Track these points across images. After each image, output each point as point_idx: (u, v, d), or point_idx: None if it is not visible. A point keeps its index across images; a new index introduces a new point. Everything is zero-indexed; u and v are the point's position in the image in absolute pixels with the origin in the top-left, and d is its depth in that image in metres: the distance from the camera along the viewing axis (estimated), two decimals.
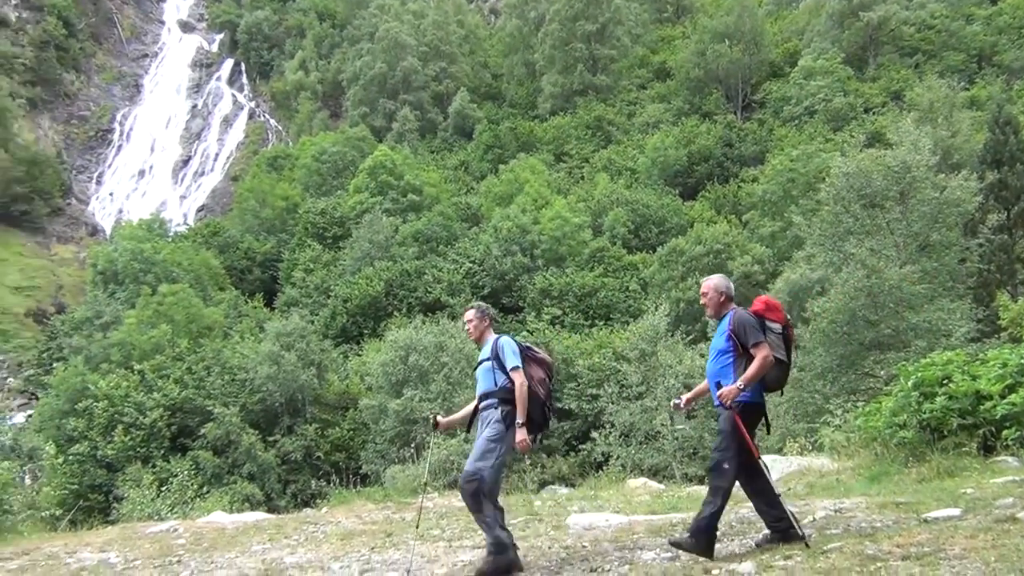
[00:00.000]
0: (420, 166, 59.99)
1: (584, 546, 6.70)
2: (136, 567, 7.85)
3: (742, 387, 5.68)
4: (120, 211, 73.45)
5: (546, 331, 32.04)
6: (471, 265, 44.65)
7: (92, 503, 21.35)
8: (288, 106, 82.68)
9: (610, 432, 21.45)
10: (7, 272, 60.68)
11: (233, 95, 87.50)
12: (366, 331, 39.90)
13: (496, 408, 6.31)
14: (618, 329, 32.85)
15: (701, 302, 6.32)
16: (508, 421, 6.22)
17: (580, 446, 24.21)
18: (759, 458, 5.83)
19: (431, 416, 7.24)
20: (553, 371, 6.66)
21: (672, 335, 24.54)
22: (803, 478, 9.79)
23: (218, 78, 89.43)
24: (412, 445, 22.08)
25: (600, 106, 64.82)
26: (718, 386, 5.86)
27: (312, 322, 36.53)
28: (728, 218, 46.09)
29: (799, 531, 5.71)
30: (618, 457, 20.30)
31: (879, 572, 4.86)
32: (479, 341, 6.76)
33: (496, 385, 6.39)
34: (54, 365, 38.57)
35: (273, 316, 39.70)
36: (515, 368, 6.29)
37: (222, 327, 40.02)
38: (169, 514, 13.24)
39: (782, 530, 5.81)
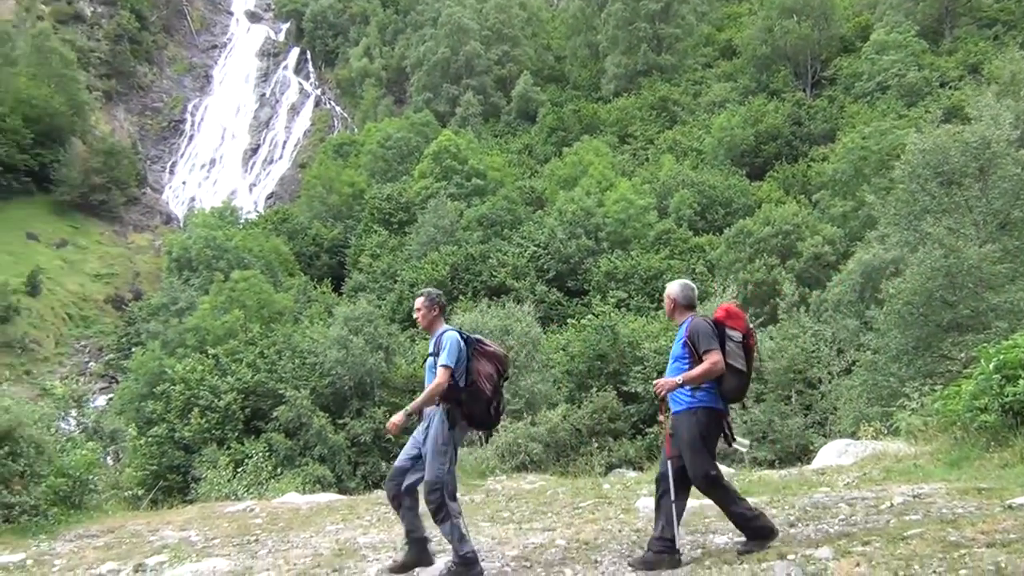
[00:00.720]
0: (484, 150, 60.09)
1: None
2: (216, 545, 8.07)
3: (680, 382, 5.62)
4: (192, 199, 75.30)
5: (612, 314, 31.86)
6: (536, 249, 44.63)
7: (171, 483, 21.97)
8: (353, 93, 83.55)
9: None
10: (87, 260, 62.75)
11: (299, 83, 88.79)
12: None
13: (438, 406, 6.04)
14: None
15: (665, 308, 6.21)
16: (451, 420, 5.97)
17: (647, 429, 24.08)
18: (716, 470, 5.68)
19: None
20: (506, 366, 6.35)
21: None
22: (879, 463, 9.56)
23: (285, 67, 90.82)
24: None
25: (665, 86, 64.00)
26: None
27: (379, 307, 36.93)
28: (797, 198, 45.16)
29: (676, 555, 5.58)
30: None
31: (963, 559, 4.72)
32: (428, 331, 6.43)
33: None
34: (132, 350, 39.82)
35: (341, 301, 40.27)
36: (445, 366, 5.98)
37: (292, 312, 40.75)
38: (245, 494, 13.57)
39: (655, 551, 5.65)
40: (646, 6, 66.13)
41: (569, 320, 34.00)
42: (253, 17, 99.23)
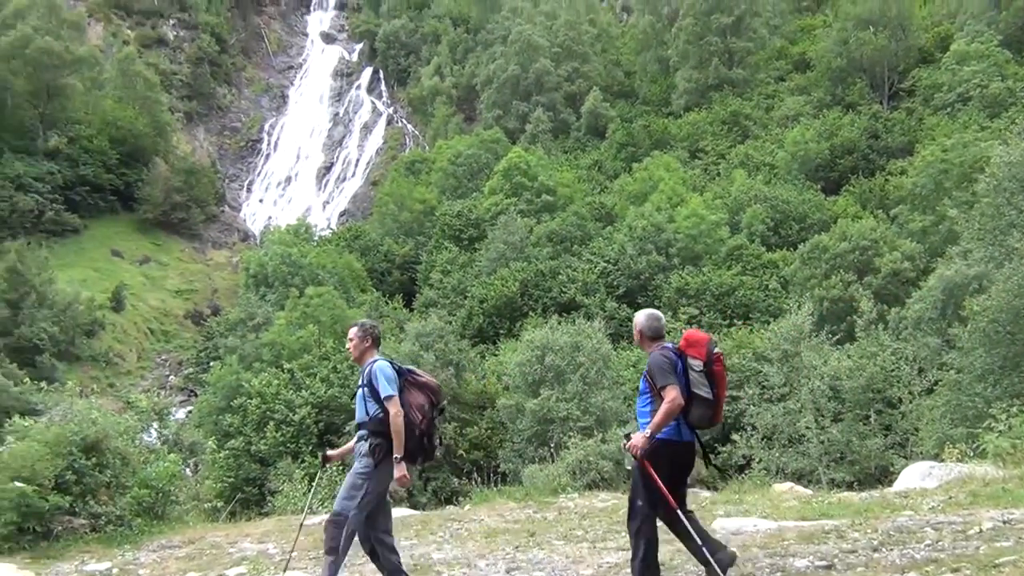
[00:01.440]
0: (553, 166, 60.21)
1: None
2: (293, 559, 8.21)
3: (648, 435, 5.48)
4: (269, 217, 77.03)
5: (683, 331, 31.57)
6: (605, 265, 44.46)
7: (247, 496, 22.43)
8: (424, 111, 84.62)
9: (751, 435, 20.90)
10: (168, 276, 64.68)
11: (372, 102, 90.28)
12: (502, 331, 40.33)
13: (365, 441, 5.88)
14: (758, 329, 31.99)
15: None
16: (377, 455, 5.79)
17: (720, 448, 23.70)
18: (675, 508, 5.56)
19: (320, 454, 6.91)
20: (439, 396, 6.18)
21: (816, 335, 23.69)
22: (965, 486, 9.24)
23: (358, 86, 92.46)
24: (550, 444, 22.14)
25: (736, 100, 63.30)
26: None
27: (450, 322, 37.19)
28: (875, 213, 44.12)
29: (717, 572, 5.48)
30: (760, 460, 19.75)
31: None
32: (359, 362, 6.23)
33: (368, 415, 5.98)
34: (211, 364, 40.85)
35: (412, 317, 40.71)
36: (388, 397, 5.80)
37: None
38: (320, 508, 13.77)
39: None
40: (717, 20, 65.59)
41: None
42: (328, 38, 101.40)
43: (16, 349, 44.65)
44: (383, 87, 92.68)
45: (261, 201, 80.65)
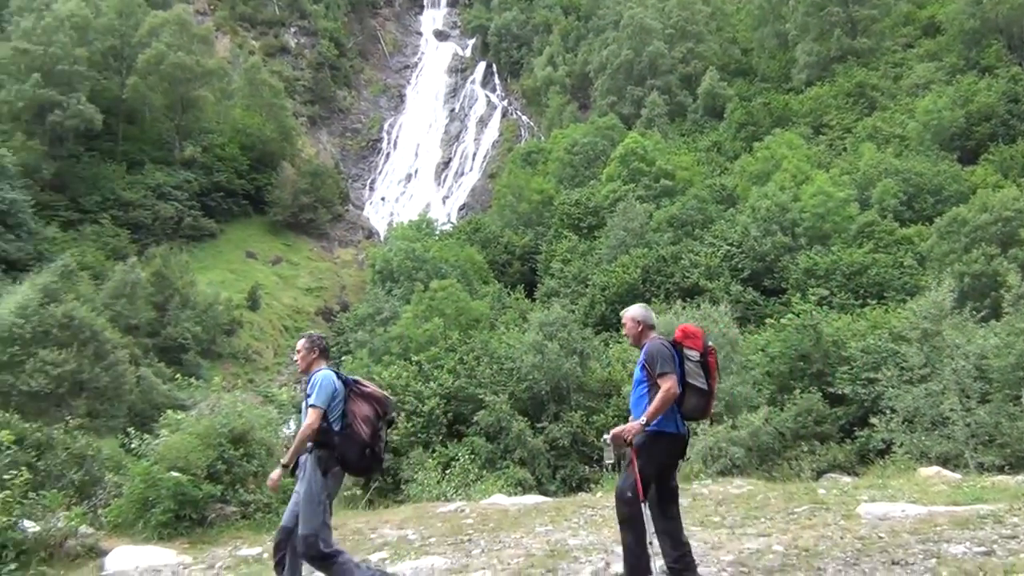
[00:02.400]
0: (671, 150, 59.31)
1: (881, 537, 6.32)
2: (432, 544, 8.42)
3: (644, 423, 5.51)
4: (391, 214, 78.92)
5: (813, 312, 30.57)
6: (729, 247, 43.51)
7: (382, 485, 23.11)
8: (538, 102, 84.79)
9: (891, 418, 20.09)
10: (299, 275, 67.18)
11: (487, 96, 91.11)
12: None
13: (310, 452, 5.78)
14: (893, 308, 30.71)
15: (623, 332, 6.11)
16: (323, 466, 5.72)
17: (857, 432, 22.90)
18: (643, 501, 5.55)
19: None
20: (387, 407, 6.02)
21: (959, 312, 22.56)
22: None
23: (472, 81, 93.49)
24: None
25: (861, 71, 60.69)
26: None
27: (572, 311, 37.23)
28: (1017, 181, 41.54)
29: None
30: (901, 444, 18.97)
31: None
32: (306, 373, 6.16)
33: None
34: (343, 359, 42.21)
35: (534, 307, 40.92)
36: (311, 406, 5.73)
37: (488, 319, 41.81)
38: (454, 495, 14.06)
39: (677, 571, 5.60)
40: None
41: (767, 320, 32.91)
42: (441, 36, 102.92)
43: (164, 349, 47.29)
44: (497, 80, 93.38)
45: (383, 199, 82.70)
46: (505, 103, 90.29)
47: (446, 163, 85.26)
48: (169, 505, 10.06)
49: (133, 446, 11.44)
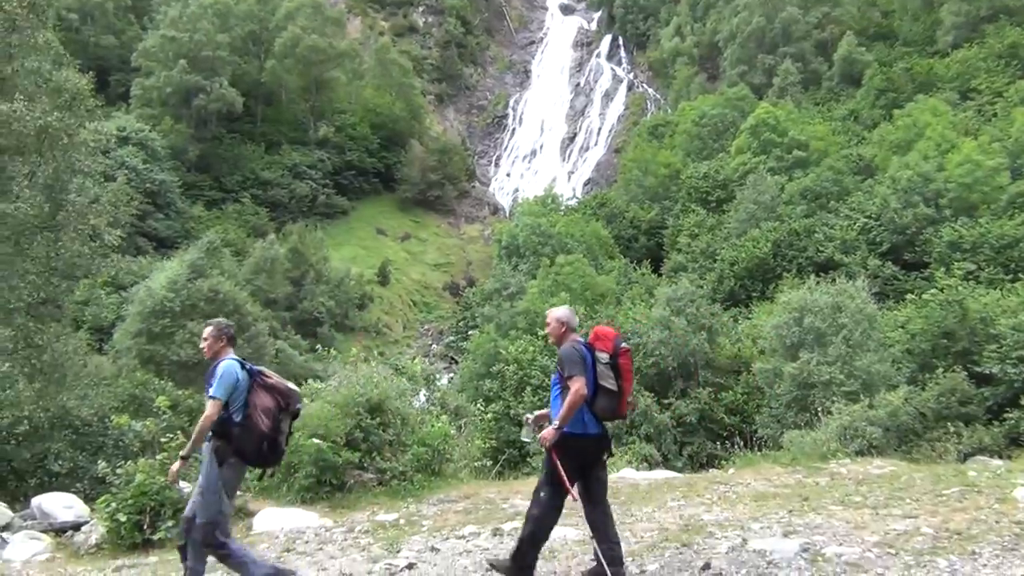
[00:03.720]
0: (805, 120, 57.15)
1: None
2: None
3: (557, 427, 5.71)
4: (516, 190, 79.38)
5: (959, 287, 29.02)
6: (866, 220, 41.71)
7: (510, 457, 23.40)
8: (665, 74, 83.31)
9: None
10: (427, 251, 68.58)
11: (612, 69, 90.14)
12: (755, 294, 39.10)
13: (209, 441, 5.64)
14: None
15: (547, 331, 6.21)
16: (219, 456, 5.62)
17: (1007, 414, 21.68)
18: (569, 494, 5.80)
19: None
20: (291, 400, 5.88)
21: None
22: None
23: (598, 55, 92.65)
24: (812, 409, 21.23)
25: (1015, 31, 56.69)
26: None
27: (700, 286, 36.59)
28: None
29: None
30: None
31: None
32: (213, 362, 5.98)
33: None
34: (470, 333, 42.88)
35: (661, 282, 40.41)
36: (213, 398, 5.59)
37: (614, 294, 41.59)
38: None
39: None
40: None
41: (908, 296, 31.44)
42: (566, 10, 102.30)
43: (300, 322, 49.24)
44: (623, 53, 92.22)
45: (508, 175, 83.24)
46: (631, 76, 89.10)
47: (571, 138, 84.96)
48: (311, 471, 10.48)
49: None
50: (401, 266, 64.85)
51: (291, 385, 6.11)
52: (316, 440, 10.51)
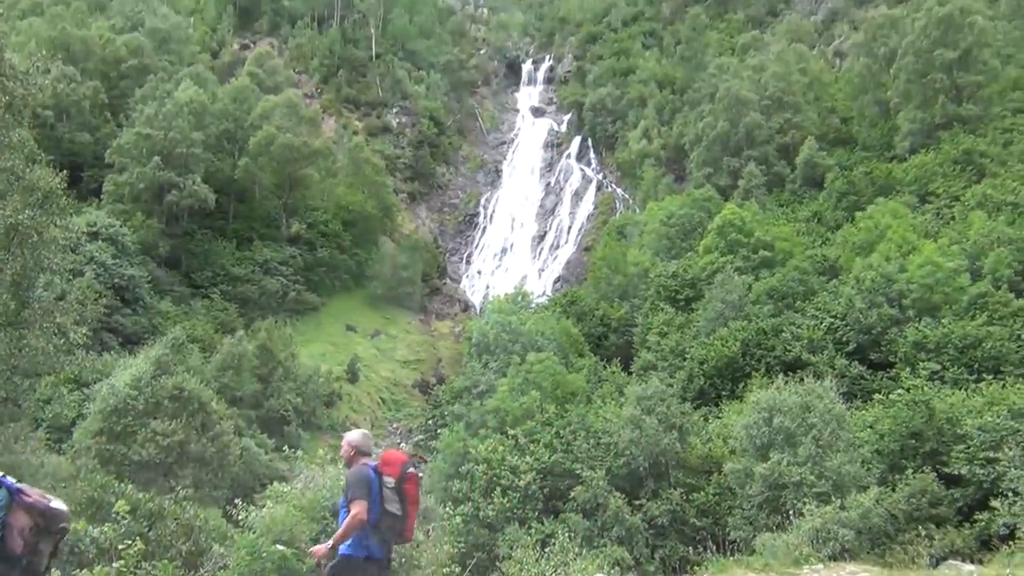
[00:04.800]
0: (770, 221, 58.47)
1: None
2: None
3: (330, 546, 5.88)
4: (487, 287, 79.88)
5: (924, 387, 29.33)
6: (832, 320, 42.28)
7: (479, 561, 22.91)
8: (633, 174, 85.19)
9: (1014, 500, 18.95)
10: (397, 348, 68.30)
11: (582, 170, 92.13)
12: (724, 392, 39.22)
13: None
14: (1012, 383, 29.20)
15: (340, 454, 6.45)
16: None
17: (977, 516, 21.65)
18: None
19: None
20: (51, 520, 5.42)
21: None
22: None
23: (568, 155, 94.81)
24: (783, 511, 21.09)
25: (969, 138, 58.93)
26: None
27: (670, 385, 36.66)
28: None
29: None
30: None
31: None
32: None
33: None
34: (439, 431, 42.43)
35: (631, 380, 40.44)
36: None
37: (585, 392, 41.51)
38: (553, 574, 13.84)
39: None
40: (941, 56, 61.73)
41: (875, 395, 31.72)
42: (537, 112, 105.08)
43: (266, 420, 48.47)
44: (592, 154, 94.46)
45: (479, 272, 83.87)
46: (600, 176, 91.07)
47: (541, 236, 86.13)
48: None
49: (241, 517, 11.70)
50: (371, 363, 64.44)
51: (51, 503, 5.54)
52: (280, 547, 10.27)
